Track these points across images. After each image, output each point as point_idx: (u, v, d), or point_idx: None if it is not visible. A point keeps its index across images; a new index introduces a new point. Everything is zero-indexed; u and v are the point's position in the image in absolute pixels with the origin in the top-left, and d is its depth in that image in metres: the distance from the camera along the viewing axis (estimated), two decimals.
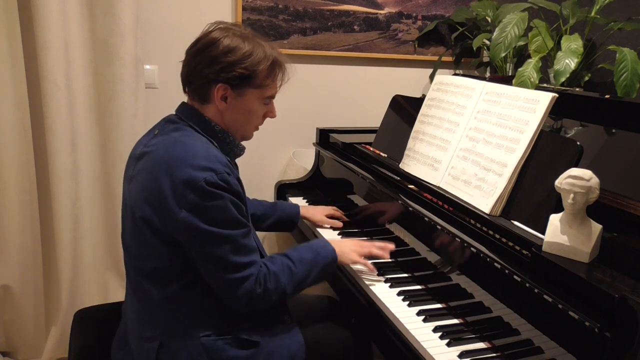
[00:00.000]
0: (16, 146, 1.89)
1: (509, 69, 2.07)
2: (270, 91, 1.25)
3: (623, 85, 1.55)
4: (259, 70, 1.20)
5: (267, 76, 1.22)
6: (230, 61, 1.17)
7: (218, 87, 1.19)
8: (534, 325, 1.05)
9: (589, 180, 0.97)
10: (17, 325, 2.02)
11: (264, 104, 1.26)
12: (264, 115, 1.30)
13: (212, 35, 1.20)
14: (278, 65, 1.24)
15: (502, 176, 1.25)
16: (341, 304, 1.59)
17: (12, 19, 1.81)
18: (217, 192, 1.11)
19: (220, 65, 1.17)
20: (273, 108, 1.31)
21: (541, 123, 1.23)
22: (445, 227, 1.30)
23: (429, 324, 1.21)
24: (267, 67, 1.21)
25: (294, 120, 2.35)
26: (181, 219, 1.10)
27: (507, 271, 1.08)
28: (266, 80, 1.22)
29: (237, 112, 1.24)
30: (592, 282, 0.91)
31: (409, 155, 1.60)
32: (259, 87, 1.22)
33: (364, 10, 2.32)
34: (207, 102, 1.22)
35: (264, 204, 1.72)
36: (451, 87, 1.54)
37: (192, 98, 1.25)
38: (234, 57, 1.17)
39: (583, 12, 1.78)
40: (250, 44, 1.20)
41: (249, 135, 1.32)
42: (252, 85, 1.21)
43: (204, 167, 1.11)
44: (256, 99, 1.24)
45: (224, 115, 1.24)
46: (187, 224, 1.10)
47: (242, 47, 1.19)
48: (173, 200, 1.10)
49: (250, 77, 1.20)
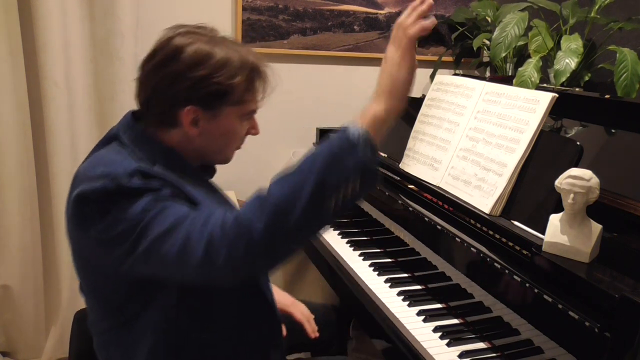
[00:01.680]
0: (16, 146, 1.89)
1: (509, 69, 2.07)
2: (251, 106, 1.03)
3: (623, 85, 1.55)
4: (235, 83, 0.96)
5: (247, 89, 0.99)
6: (200, 76, 0.94)
7: (187, 110, 0.95)
8: (534, 325, 1.05)
9: (589, 180, 0.97)
10: (17, 325, 2.02)
11: (245, 121, 1.05)
12: (246, 134, 1.08)
13: (174, 43, 0.96)
14: (257, 73, 1.01)
15: (502, 176, 1.25)
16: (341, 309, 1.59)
17: (12, 19, 1.81)
18: (114, 199, 0.87)
19: (187, 83, 0.94)
20: (255, 124, 1.09)
21: (541, 123, 1.23)
22: (445, 227, 1.30)
23: (429, 324, 1.21)
24: (245, 78, 0.98)
25: (294, 120, 2.35)
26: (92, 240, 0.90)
27: (507, 271, 1.08)
28: (246, 95, 1.00)
29: (213, 137, 1.01)
30: (592, 282, 0.91)
31: (408, 155, 1.60)
32: (237, 104, 0.99)
33: (364, 10, 2.32)
34: (172, 127, 0.99)
35: None
36: (451, 87, 1.54)
37: (151, 124, 1.00)
38: (205, 70, 0.94)
39: (583, 12, 1.78)
40: (222, 50, 0.96)
41: (229, 158, 1.10)
42: (229, 102, 0.98)
43: (100, 175, 0.89)
44: (235, 118, 1.01)
45: (194, 141, 1.00)
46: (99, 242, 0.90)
47: (213, 55, 0.95)
48: (76, 225, 0.93)
49: (226, 93, 0.97)
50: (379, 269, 1.46)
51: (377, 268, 1.47)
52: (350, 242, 1.65)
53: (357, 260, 1.53)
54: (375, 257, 1.53)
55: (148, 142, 0.99)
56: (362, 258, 1.54)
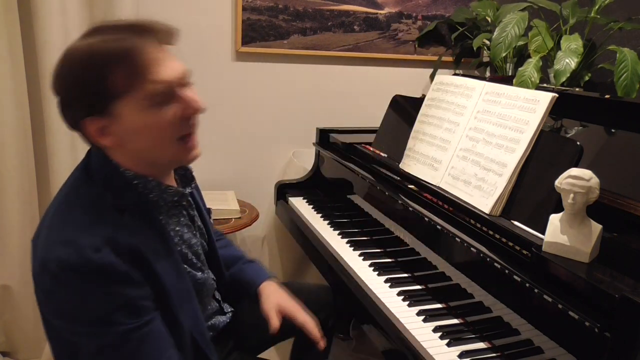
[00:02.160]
0: (16, 146, 1.89)
1: (509, 69, 2.07)
2: (148, 88, 0.86)
3: (623, 85, 1.55)
4: (105, 77, 0.85)
5: (128, 75, 0.85)
6: (72, 83, 0.88)
7: (87, 123, 0.90)
8: (534, 325, 1.05)
9: (589, 180, 0.97)
10: (17, 325, 2.02)
11: (152, 109, 0.88)
12: (181, 116, 0.92)
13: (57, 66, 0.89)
14: (128, 53, 0.86)
15: (502, 176, 1.25)
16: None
17: (12, 18, 1.81)
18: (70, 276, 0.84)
19: (67, 97, 0.89)
20: (187, 100, 0.91)
21: (541, 123, 1.23)
22: (445, 227, 1.30)
23: (429, 324, 1.21)
24: (115, 66, 0.85)
25: (294, 120, 2.35)
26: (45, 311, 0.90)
27: (507, 271, 1.08)
28: (130, 81, 0.86)
29: (136, 138, 0.91)
30: (592, 282, 0.91)
31: (409, 155, 1.60)
32: (127, 95, 0.87)
33: (364, 10, 2.32)
34: (102, 145, 0.93)
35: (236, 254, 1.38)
36: (451, 87, 1.54)
37: (92, 149, 0.97)
38: (73, 77, 0.88)
39: (583, 12, 1.78)
40: (85, 48, 0.86)
41: (180, 153, 0.95)
42: (116, 97, 0.87)
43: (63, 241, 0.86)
44: (138, 109, 0.88)
45: (126, 149, 0.92)
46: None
47: (75, 58, 0.87)
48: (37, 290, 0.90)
49: (105, 91, 0.86)
50: (379, 269, 1.46)
51: (377, 268, 1.47)
52: (350, 242, 1.65)
53: (357, 260, 1.53)
54: (375, 257, 1.53)
55: (111, 172, 0.94)
56: (362, 258, 1.54)
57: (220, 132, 2.25)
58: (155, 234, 0.96)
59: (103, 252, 0.85)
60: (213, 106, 2.27)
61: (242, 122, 2.29)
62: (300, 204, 2.00)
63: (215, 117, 2.23)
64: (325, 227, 1.78)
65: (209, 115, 2.29)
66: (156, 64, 0.87)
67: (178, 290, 0.97)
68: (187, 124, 0.93)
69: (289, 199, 2.06)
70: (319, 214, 1.88)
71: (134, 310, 0.88)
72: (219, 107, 2.24)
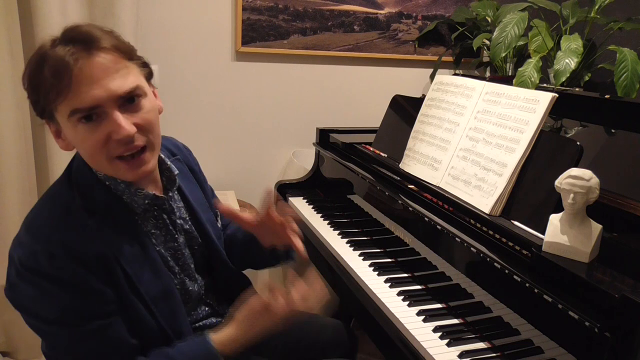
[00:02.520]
0: (16, 146, 1.89)
1: (509, 69, 2.07)
2: (69, 104, 0.87)
3: (623, 85, 1.55)
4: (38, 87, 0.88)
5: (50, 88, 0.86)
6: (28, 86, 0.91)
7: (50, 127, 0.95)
8: (534, 325, 1.05)
9: (589, 180, 0.97)
10: (17, 325, 2.02)
11: (80, 125, 0.88)
12: (106, 139, 0.89)
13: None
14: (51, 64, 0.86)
15: (502, 176, 1.25)
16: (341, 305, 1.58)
17: (12, 19, 1.81)
18: (28, 274, 0.89)
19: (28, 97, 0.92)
20: (114, 125, 0.88)
21: (541, 123, 1.23)
22: (445, 227, 1.30)
23: (429, 324, 1.21)
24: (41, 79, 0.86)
25: (294, 120, 2.35)
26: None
27: (507, 271, 1.08)
28: (49, 95, 0.86)
29: (78, 148, 0.94)
30: (592, 282, 0.91)
31: (409, 155, 1.60)
32: (55, 109, 0.89)
33: (364, 10, 2.32)
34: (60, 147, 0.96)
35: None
36: (451, 87, 1.54)
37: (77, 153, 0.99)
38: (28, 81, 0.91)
39: (583, 12, 1.79)
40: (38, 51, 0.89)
41: (120, 173, 0.95)
42: (50, 107, 0.90)
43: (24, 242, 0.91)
44: (68, 124, 0.89)
45: (82, 155, 0.96)
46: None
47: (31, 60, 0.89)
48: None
49: (37, 100, 0.90)
50: (379, 269, 1.46)
51: (377, 268, 1.47)
52: (350, 242, 1.65)
53: (357, 260, 1.53)
54: (375, 257, 1.53)
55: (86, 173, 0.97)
56: (362, 258, 1.54)
57: (220, 132, 2.25)
58: (129, 236, 0.98)
59: (56, 259, 0.88)
60: (213, 106, 2.28)
61: (242, 122, 2.29)
62: (300, 204, 2.00)
63: (215, 117, 2.23)
64: (325, 227, 1.78)
65: (209, 115, 2.30)
66: (84, 83, 0.86)
67: (153, 290, 0.99)
68: (118, 146, 0.90)
69: (289, 199, 2.06)
70: (319, 214, 1.88)
71: (87, 314, 0.90)
72: (219, 107, 2.24)
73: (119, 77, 0.89)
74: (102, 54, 0.88)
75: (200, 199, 1.20)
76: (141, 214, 1.03)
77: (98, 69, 0.87)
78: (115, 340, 0.94)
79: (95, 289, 0.91)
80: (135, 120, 0.91)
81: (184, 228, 1.14)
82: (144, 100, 0.94)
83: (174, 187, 1.10)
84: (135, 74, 0.94)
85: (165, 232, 1.08)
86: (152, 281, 0.99)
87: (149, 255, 1.01)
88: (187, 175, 1.20)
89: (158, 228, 1.07)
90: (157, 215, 1.07)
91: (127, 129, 0.89)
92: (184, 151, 1.25)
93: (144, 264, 0.99)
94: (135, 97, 0.92)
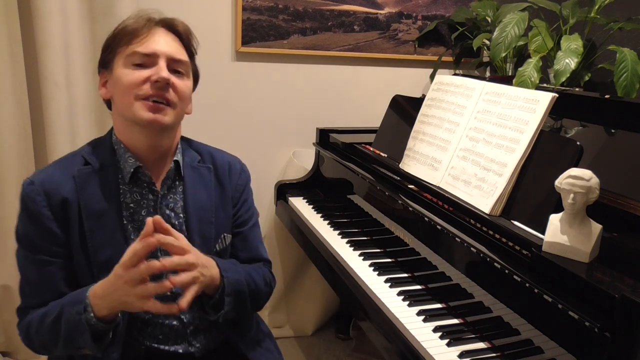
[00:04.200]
0: (16, 146, 1.89)
1: (509, 69, 2.07)
2: (130, 48, 1.06)
3: (623, 85, 1.55)
4: (116, 34, 1.09)
5: (127, 33, 1.07)
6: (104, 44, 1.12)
7: (100, 76, 1.13)
8: (534, 325, 1.05)
9: (589, 180, 0.97)
10: None
11: (131, 67, 1.06)
12: (145, 79, 1.05)
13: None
14: (128, 20, 1.10)
15: (502, 176, 1.25)
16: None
17: (12, 19, 1.81)
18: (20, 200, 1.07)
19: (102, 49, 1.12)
20: (156, 70, 1.05)
21: (541, 123, 1.23)
22: (445, 227, 1.30)
23: (429, 324, 1.21)
24: (122, 27, 1.09)
25: (294, 120, 2.35)
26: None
27: (507, 271, 1.08)
28: (125, 38, 1.07)
29: (115, 90, 1.09)
30: (592, 282, 0.91)
31: (409, 155, 1.60)
32: (118, 53, 1.08)
33: (364, 10, 2.32)
34: (102, 96, 1.14)
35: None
36: (451, 87, 1.54)
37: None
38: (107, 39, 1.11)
39: (583, 12, 1.78)
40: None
41: (136, 113, 1.05)
42: (114, 53, 1.08)
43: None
44: (121, 65, 1.07)
45: (115, 105, 1.11)
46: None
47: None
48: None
49: (110, 46, 1.09)
50: (379, 269, 1.46)
51: (377, 268, 1.47)
52: (350, 242, 1.65)
53: (357, 260, 1.53)
54: (375, 257, 1.54)
55: (107, 134, 1.15)
56: (362, 258, 1.54)
57: (220, 132, 2.25)
58: (105, 197, 1.08)
59: (32, 187, 1.05)
60: (213, 106, 2.28)
61: (242, 122, 2.29)
62: (300, 204, 2.00)
63: (215, 117, 2.23)
64: (325, 227, 1.78)
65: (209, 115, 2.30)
66: (144, 39, 1.06)
67: (101, 254, 1.06)
68: (148, 87, 1.04)
69: (289, 199, 2.06)
70: (319, 214, 1.88)
71: (36, 245, 1.06)
72: (219, 107, 2.24)
73: (178, 50, 1.10)
74: (173, 34, 1.11)
75: (204, 208, 1.17)
76: (128, 184, 1.11)
77: (165, 38, 1.09)
78: (50, 278, 1.06)
79: (48, 228, 1.05)
80: (174, 80, 1.07)
81: (171, 222, 1.13)
82: (187, 79, 1.12)
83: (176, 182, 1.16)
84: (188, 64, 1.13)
85: (146, 213, 1.12)
86: (102, 245, 1.07)
87: (112, 221, 1.08)
88: (206, 182, 1.19)
89: (138, 204, 1.12)
90: (144, 193, 1.12)
91: (166, 73, 1.05)
92: (226, 167, 1.24)
93: (103, 227, 1.07)
94: (182, 71, 1.10)
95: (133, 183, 1.11)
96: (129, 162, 1.10)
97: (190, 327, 1.17)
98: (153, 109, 1.04)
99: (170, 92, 1.06)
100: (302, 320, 2.40)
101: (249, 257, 1.27)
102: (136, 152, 1.11)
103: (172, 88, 1.06)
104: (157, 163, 1.13)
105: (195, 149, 1.24)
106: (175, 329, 1.15)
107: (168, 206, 1.14)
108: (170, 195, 1.15)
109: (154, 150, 1.11)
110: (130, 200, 1.11)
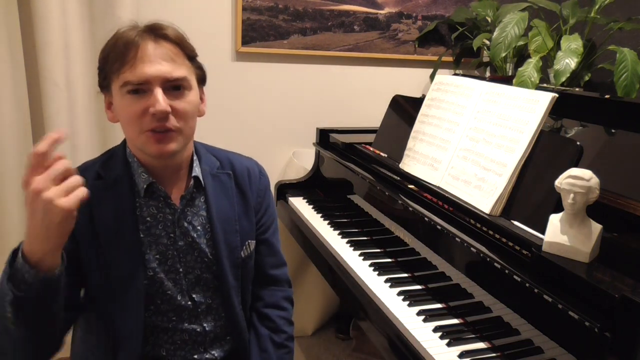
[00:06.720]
0: (16, 146, 1.89)
1: (509, 69, 2.07)
2: (124, 76, 0.99)
3: (623, 85, 1.55)
4: (105, 55, 1.02)
5: (116, 59, 1.00)
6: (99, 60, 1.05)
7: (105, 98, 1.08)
8: (534, 325, 1.05)
9: (589, 180, 0.97)
10: None
11: (127, 96, 1.00)
12: (143, 111, 0.99)
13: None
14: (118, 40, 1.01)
15: (502, 176, 1.25)
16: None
17: (12, 19, 1.81)
18: None
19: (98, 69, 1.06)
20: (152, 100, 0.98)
21: (541, 123, 1.23)
22: (445, 227, 1.30)
23: (429, 324, 1.21)
24: (112, 44, 1.01)
25: (294, 120, 2.35)
26: None
27: (507, 271, 1.08)
28: (114, 65, 1.00)
29: (119, 118, 1.05)
30: (592, 282, 0.91)
31: (408, 155, 1.60)
32: (112, 80, 1.02)
33: (364, 10, 2.32)
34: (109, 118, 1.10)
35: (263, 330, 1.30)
36: (451, 87, 1.54)
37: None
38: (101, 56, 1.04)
39: (583, 12, 1.78)
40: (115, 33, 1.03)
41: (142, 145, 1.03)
42: (108, 79, 1.03)
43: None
44: (118, 93, 1.02)
45: (122, 127, 1.06)
46: None
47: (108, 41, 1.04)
48: None
49: (103, 69, 1.04)
50: (379, 269, 1.46)
51: (377, 268, 1.47)
52: (350, 242, 1.65)
53: (357, 260, 1.53)
54: (375, 257, 1.54)
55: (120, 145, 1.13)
56: (362, 258, 1.54)
57: (219, 132, 2.25)
58: (121, 210, 1.07)
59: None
60: (213, 106, 2.28)
61: (242, 122, 2.29)
62: (300, 204, 2.00)
63: (215, 117, 2.23)
64: (325, 227, 1.78)
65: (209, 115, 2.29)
66: (134, 63, 0.99)
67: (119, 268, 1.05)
68: (152, 120, 1.00)
69: (289, 199, 2.06)
70: (319, 214, 1.88)
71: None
72: (219, 107, 2.24)
73: (172, 65, 1.02)
74: (164, 42, 1.02)
75: (228, 217, 1.17)
76: (144, 198, 1.09)
77: (156, 52, 1.01)
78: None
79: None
80: (174, 104, 1.01)
81: (191, 235, 1.12)
82: (188, 92, 1.05)
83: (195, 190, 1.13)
84: (188, 69, 1.06)
85: (163, 226, 1.10)
86: (118, 260, 1.05)
87: (128, 235, 1.06)
88: (227, 190, 1.18)
89: (154, 218, 1.10)
90: (161, 207, 1.10)
91: (162, 105, 0.98)
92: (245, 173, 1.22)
93: (119, 241, 1.06)
94: (180, 86, 1.03)
95: (149, 196, 1.10)
96: (142, 177, 1.08)
97: (210, 334, 1.17)
98: (158, 140, 1.01)
99: (172, 120, 1.01)
100: (302, 320, 2.40)
101: (275, 263, 1.28)
102: (149, 168, 1.09)
103: (173, 114, 1.01)
104: (171, 176, 1.12)
105: (214, 154, 1.22)
106: (195, 335, 1.15)
107: (187, 220, 1.13)
108: (188, 209, 1.13)
109: (166, 167, 1.10)
110: (147, 214, 1.10)
